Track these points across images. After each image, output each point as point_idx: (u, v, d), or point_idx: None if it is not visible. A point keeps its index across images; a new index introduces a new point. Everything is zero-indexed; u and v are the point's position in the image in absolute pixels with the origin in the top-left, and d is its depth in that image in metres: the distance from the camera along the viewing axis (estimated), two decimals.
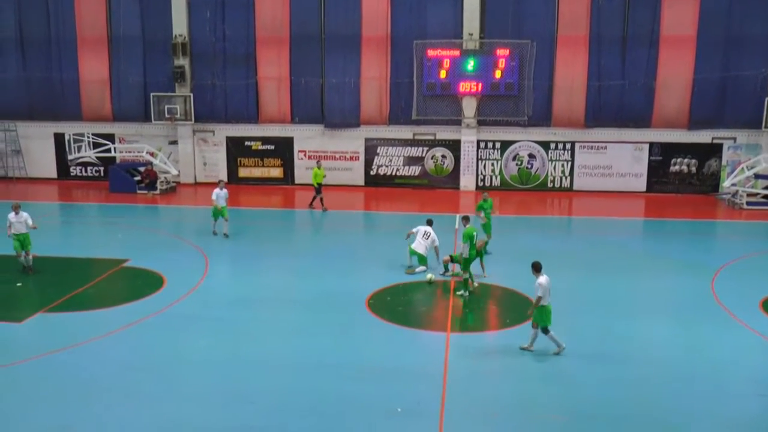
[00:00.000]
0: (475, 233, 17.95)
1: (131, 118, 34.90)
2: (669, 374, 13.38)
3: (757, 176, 30.88)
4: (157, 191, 32.25)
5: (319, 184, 28.49)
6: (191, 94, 33.86)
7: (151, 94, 33.90)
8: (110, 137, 34.65)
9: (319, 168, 28.73)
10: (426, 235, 19.93)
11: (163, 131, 34.81)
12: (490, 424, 11.37)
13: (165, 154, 34.25)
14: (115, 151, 34.07)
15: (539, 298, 13.63)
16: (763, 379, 13.13)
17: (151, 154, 33.34)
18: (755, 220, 27.93)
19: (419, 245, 19.73)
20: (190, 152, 34.90)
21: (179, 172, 34.36)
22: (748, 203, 29.90)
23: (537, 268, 13.87)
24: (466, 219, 18.57)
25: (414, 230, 20.08)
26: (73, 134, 34.20)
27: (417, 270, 19.50)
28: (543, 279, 13.70)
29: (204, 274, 19.37)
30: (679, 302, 17.77)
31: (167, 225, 27.45)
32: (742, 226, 27.48)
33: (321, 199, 28.50)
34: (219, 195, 23.70)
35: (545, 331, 13.86)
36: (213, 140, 34.87)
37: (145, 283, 18.63)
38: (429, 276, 18.84)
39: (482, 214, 21.54)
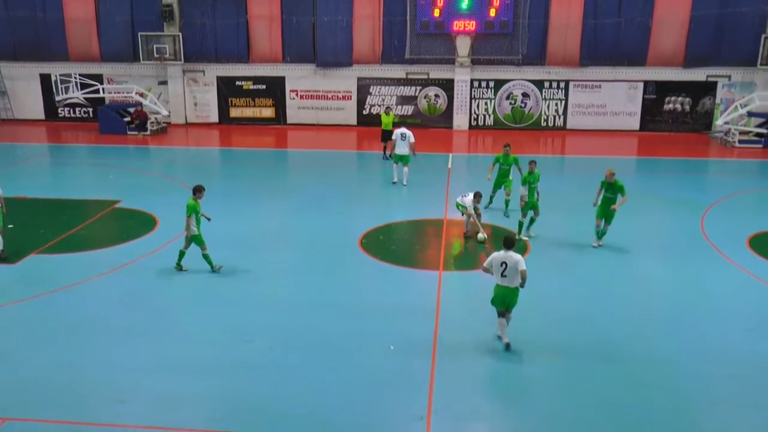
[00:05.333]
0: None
1: (119, 59, 34.41)
2: (658, 310, 13.55)
3: (749, 114, 30.80)
4: (148, 132, 32.01)
5: (387, 131, 26.04)
6: (180, 34, 33.35)
7: (139, 33, 33.37)
8: (98, 78, 34.20)
9: (387, 114, 26.54)
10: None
11: (153, 71, 34.38)
12: (482, 361, 11.53)
13: (155, 94, 33.91)
14: (103, 92, 33.70)
15: (483, 269, 11.86)
16: (749, 314, 13.31)
17: (141, 95, 32.98)
18: (746, 158, 27.98)
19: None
20: (181, 92, 34.55)
21: (169, 112, 34.08)
22: (740, 141, 29.89)
23: (506, 243, 11.65)
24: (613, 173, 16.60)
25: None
26: (60, 75, 33.68)
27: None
28: (497, 253, 11.72)
29: None
30: (669, 240, 17.89)
31: (158, 166, 27.32)
32: (734, 165, 27.53)
33: (384, 147, 26.68)
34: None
35: (497, 312, 12.01)
36: (203, 80, 34.50)
37: (138, 223, 18.63)
38: (481, 236, 17.39)
39: (525, 192, 17.62)
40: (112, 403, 10.20)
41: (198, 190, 15.08)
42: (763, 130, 30.05)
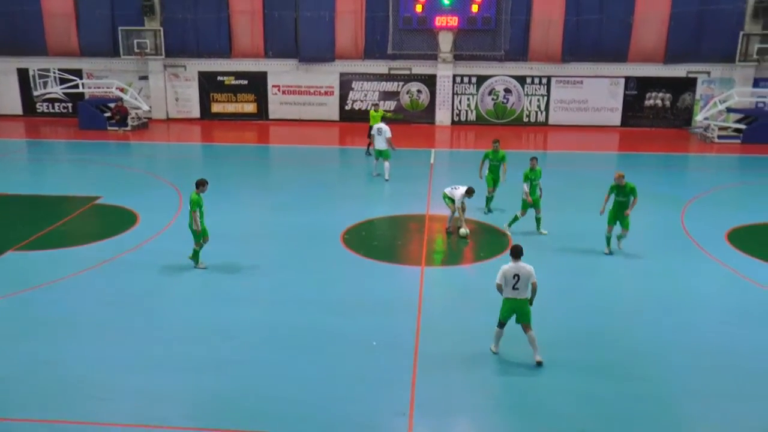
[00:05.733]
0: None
1: (99, 53, 34.11)
2: (639, 304, 13.64)
3: (729, 110, 31.09)
4: (129, 127, 31.78)
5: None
6: (161, 28, 33.14)
7: (120, 28, 33.09)
8: (77, 73, 33.91)
9: (375, 111, 26.12)
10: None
11: (133, 66, 34.12)
12: (463, 356, 11.55)
13: (135, 89, 33.63)
14: (83, 87, 33.40)
15: (498, 286, 11.24)
16: (726, 308, 13.46)
17: (121, 90, 32.72)
18: (726, 154, 28.26)
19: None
20: (162, 87, 34.32)
21: (151, 107, 33.81)
22: (719, 137, 30.15)
23: (514, 253, 11.21)
24: (622, 176, 16.11)
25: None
26: (38, 69, 33.35)
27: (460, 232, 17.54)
28: (507, 265, 11.18)
29: (178, 211, 19.24)
30: (650, 234, 17.98)
31: (139, 162, 27.12)
32: (713, 160, 27.77)
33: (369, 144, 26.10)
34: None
35: (499, 323, 11.46)
36: (185, 75, 34.30)
37: (118, 220, 18.48)
38: (463, 231, 17.33)
39: (527, 188, 17.31)
40: (91, 400, 10.11)
41: (201, 184, 14.91)
42: (741, 126, 30.32)
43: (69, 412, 9.82)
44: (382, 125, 22.84)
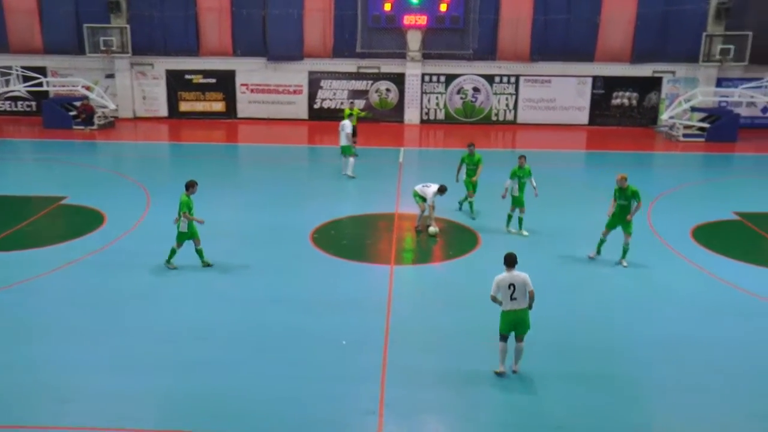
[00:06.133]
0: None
1: (64, 51, 33.56)
2: (606, 300, 13.80)
3: (693, 109, 31.57)
4: (95, 126, 31.36)
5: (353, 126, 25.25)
6: (128, 26, 32.72)
7: (85, 25, 32.62)
8: (41, 70, 33.31)
9: (350, 109, 25.87)
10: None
11: (99, 64, 33.64)
12: (432, 354, 11.59)
13: (102, 87, 33.16)
14: (47, 85, 32.83)
15: (493, 299, 10.75)
16: (691, 302, 13.70)
17: (87, 88, 32.25)
18: (690, 152, 28.69)
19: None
20: (129, 86, 33.91)
21: (117, 106, 33.40)
22: (684, 135, 30.58)
23: (507, 261, 10.66)
24: (625, 179, 15.75)
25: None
26: (0, 67, 32.77)
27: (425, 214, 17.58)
28: (500, 275, 10.65)
29: (146, 210, 19.08)
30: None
31: (106, 161, 26.81)
32: (678, 158, 28.17)
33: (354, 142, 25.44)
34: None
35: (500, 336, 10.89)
36: (152, 73, 33.93)
37: (84, 220, 18.24)
38: (432, 229, 17.39)
39: (516, 186, 17.42)
40: (54, 403, 9.98)
41: (191, 186, 14.78)
42: (705, 125, 30.78)
43: (29, 416, 9.67)
44: (345, 122, 22.94)
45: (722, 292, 14.32)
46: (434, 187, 17.29)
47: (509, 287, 10.47)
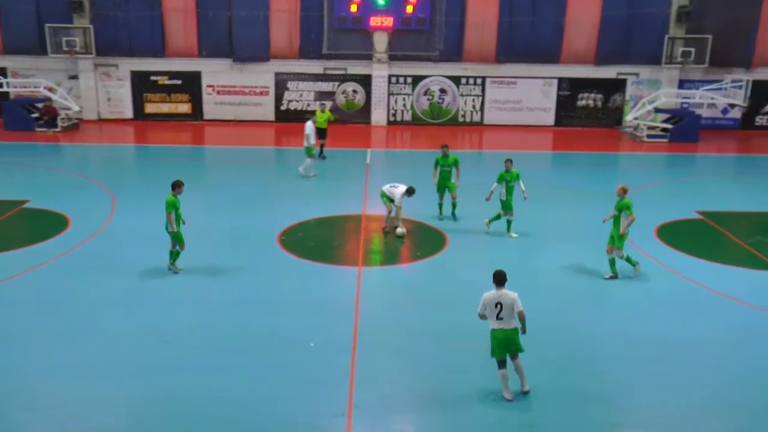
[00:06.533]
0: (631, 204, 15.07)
1: (25, 51, 32.91)
2: (573, 299, 13.95)
3: (657, 110, 32.05)
4: (58, 128, 30.89)
5: (322, 129, 25.37)
6: (91, 26, 32.28)
7: (47, 25, 32.10)
8: (1, 71, 32.72)
9: (322, 112, 25.71)
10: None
11: (62, 65, 33.11)
12: (401, 355, 11.63)
13: (65, 89, 32.66)
14: (7, 86, 32.23)
15: (480, 317, 10.40)
16: (656, 300, 13.97)
17: (50, 90, 31.75)
18: (654, 152, 29.13)
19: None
20: (93, 87, 33.45)
21: (81, 108, 32.93)
22: (648, 136, 31.03)
23: (497, 279, 10.35)
24: (624, 190, 15.25)
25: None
26: None
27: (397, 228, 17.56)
28: (488, 293, 10.32)
29: (112, 214, 18.87)
30: (585, 231, 18.34)
31: (70, 164, 26.43)
32: (643, 158, 28.58)
33: (321, 147, 25.64)
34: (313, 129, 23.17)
35: (497, 363, 10.40)
36: (117, 74, 33.49)
37: (48, 224, 17.95)
38: (400, 231, 17.40)
39: (503, 190, 17.42)
40: (18, 411, 9.84)
41: (177, 186, 14.62)
42: (668, 126, 31.26)
43: None
44: (308, 122, 23.11)
45: (686, 289, 14.59)
46: (402, 188, 17.32)
47: (496, 306, 10.14)
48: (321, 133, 25.33)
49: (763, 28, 32.83)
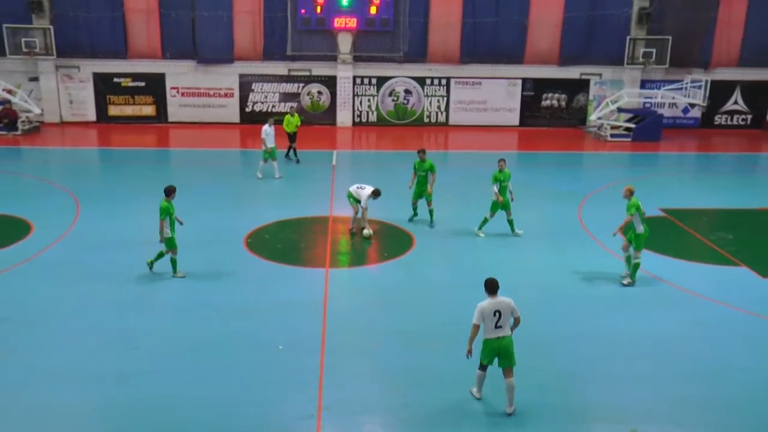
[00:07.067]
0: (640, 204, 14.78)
1: None
2: (539, 296, 14.07)
3: (620, 110, 32.51)
4: (19, 132, 30.37)
5: (292, 133, 25.57)
6: (51, 27, 31.78)
7: (4, 25, 31.52)
8: None
9: (292, 116, 25.58)
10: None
11: (22, 66, 32.55)
12: (370, 356, 11.66)
13: (25, 91, 32.11)
14: None
15: (475, 327, 9.94)
16: (621, 296, 14.21)
17: (9, 92, 31.20)
18: (618, 151, 29.52)
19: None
20: (54, 89, 32.94)
21: (43, 110, 32.44)
22: (611, 135, 31.43)
23: (490, 288, 10.06)
24: (629, 191, 14.95)
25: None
26: None
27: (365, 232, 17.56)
28: (484, 302, 9.98)
29: (75, 218, 18.61)
30: (550, 229, 18.55)
31: (32, 168, 25.95)
32: (606, 157, 28.95)
33: (294, 150, 25.82)
34: (269, 133, 22.97)
35: (480, 365, 10.24)
36: (79, 76, 33.02)
37: (9, 230, 17.58)
38: (367, 232, 17.39)
39: (496, 189, 17.25)
40: None
41: (170, 191, 14.52)
42: (631, 125, 31.71)
43: None
44: (264, 126, 23.11)
45: (650, 285, 14.80)
46: (369, 190, 17.34)
47: (495, 314, 9.79)
48: (291, 137, 25.37)
49: (720, 30, 33.52)
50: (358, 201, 17.38)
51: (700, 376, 11.16)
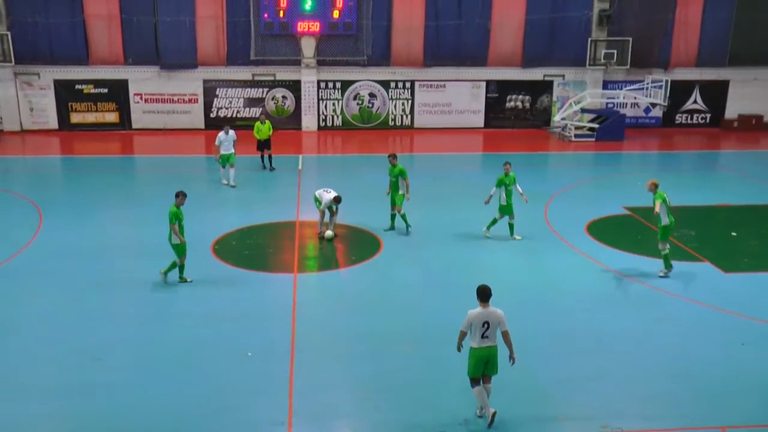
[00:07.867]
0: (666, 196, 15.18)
1: None
2: (507, 295, 14.05)
3: (583, 111, 32.90)
4: None
5: (263, 140, 25.09)
6: (9, 33, 31.25)
7: None
8: None
9: (262, 123, 25.06)
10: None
11: None
12: (340, 360, 11.63)
13: None
14: None
15: (462, 334, 9.78)
16: (588, 294, 14.34)
17: None
18: (582, 151, 29.86)
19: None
20: (13, 97, 32.40)
21: (1, 118, 31.91)
22: (575, 136, 31.78)
23: (482, 296, 9.70)
24: (654, 185, 15.25)
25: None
26: None
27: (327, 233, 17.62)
28: (474, 311, 9.66)
29: (38, 228, 18.30)
30: (517, 229, 18.60)
31: None
32: (571, 157, 29.25)
33: (269, 157, 25.32)
34: (225, 140, 22.76)
35: (471, 380, 9.91)
36: (39, 84, 32.54)
37: None
38: (329, 233, 17.45)
39: (503, 194, 17.38)
40: None
41: (179, 196, 14.41)
42: (594, 125, 32.10)
43: None
44: (220, 133, 23.03)
45: (615, 282, 14.99)
46: (332, 195, 17.36)
47: (483, 324, 9.56)
48: (264, 144, 25.10)
49: (678, 31, 34.16)
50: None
51: (666, 372, 11.30)
